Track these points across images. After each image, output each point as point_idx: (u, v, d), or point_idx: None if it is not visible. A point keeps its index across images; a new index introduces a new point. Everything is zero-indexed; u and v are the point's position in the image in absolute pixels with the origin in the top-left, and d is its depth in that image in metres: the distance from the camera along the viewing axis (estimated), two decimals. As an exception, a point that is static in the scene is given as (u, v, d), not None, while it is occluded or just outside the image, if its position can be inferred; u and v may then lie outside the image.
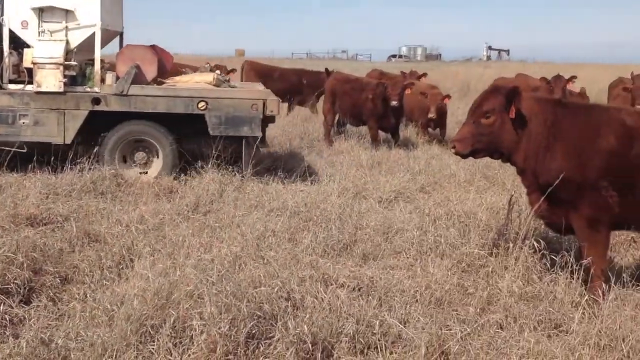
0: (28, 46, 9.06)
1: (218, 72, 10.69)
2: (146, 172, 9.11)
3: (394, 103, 12.07)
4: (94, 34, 9.11)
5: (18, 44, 9.18)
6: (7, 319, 4.58)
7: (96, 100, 8.94)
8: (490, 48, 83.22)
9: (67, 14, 9.06)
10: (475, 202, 7.84)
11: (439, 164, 10.69)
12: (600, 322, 4.54)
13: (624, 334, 4.40)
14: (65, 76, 8.87)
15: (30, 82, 8.91)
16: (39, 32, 8.99)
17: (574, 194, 5.26)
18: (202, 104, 8.97)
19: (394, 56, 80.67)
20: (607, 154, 5.19)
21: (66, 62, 8.87)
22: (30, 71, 8.95)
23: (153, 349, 4.10)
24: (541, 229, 6.41)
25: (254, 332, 4.24)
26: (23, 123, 8.86)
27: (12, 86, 9.04)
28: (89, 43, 9.15)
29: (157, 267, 4.98)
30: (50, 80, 8.78)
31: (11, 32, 9.04)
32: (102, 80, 9.10)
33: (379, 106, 12.45)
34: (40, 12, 9.00)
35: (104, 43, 9.73)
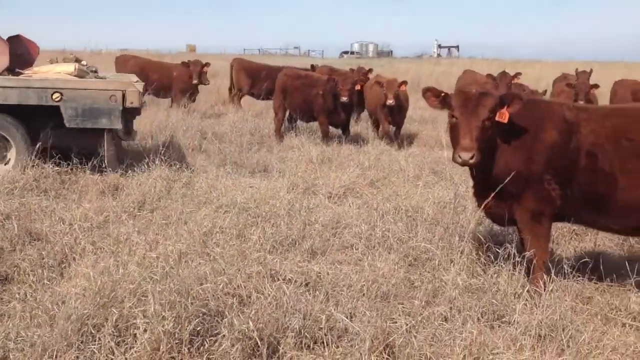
0: None
1: (84, 62, 10.42)
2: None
3: (344, 99, 12.09)
4: None
5: None
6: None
7: None
8: (440, 46, 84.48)
9: None
10: (423, 197, 7.93)
11: (388, 159, 10.78)
12: (541, 312, 4.65)
13: (564, 324, 4.51)
14: None
15: None
16: None
17: (520, 188, 5.35)
18: (56, 95, 8.62)
19: (345, 52, 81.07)
20: (551, 147, 5.30)
21: None
22: None
23: (95, 348, 4.03)
24: (486, 222, 6.52)
25: (199, 329, 4.20)
26: None
27: None
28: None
29: (100, 266, 4.89)
30: None
31: None
32: None
33: (329, 102, 12.48)
34: None
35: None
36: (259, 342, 4.10)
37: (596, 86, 13.02)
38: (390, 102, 12.27)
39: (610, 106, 7.62)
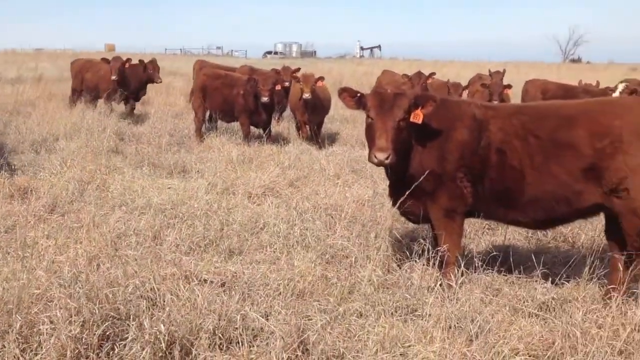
0: None
1: None
2: None
3: (264, 99, 12.05)
4: None
5: None
6: None
7: None
8: (362, 48, 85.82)
9: None
10: (342, 195, 8.00)
11: (309, 159, 10.81)
12: (452, 305, 4.77)
13: (473, 315, 4.64)
14: None
15: None
16: None
17: (434, 186, 5.46)
18: None
19: (269, 53, 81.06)
20: (462, 146, 5.42)
21: None
22: None
23: (-2, 356, 3.88)
24: (402, 219, 6.63)
25: (108, 333, 4.11)
26: None
27: None
28: None
29: (5, 271, 4.70)
30: None
31: None
32: None
33: (250, 102, 12.41)
34: None
35: None
36: (170, 345, 4.04)
37: (509, 86, 13.48)
38: (306, 95, 12.21)
39: (518, 104, 7.88)
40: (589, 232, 6.88)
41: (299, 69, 15.20)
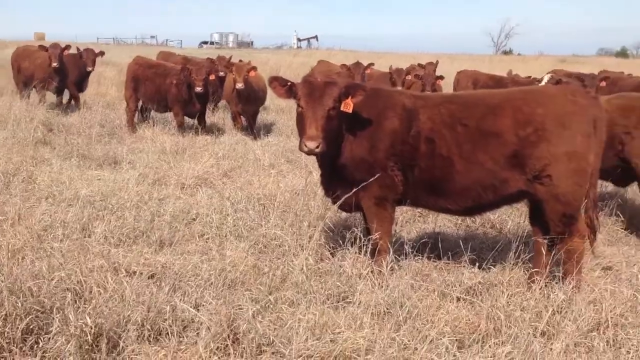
0: None
1: None
2: None
3: (198, 89, 11.91)
4: None
5: None
6: None
7: None
8: (299, 39, 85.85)
9: None
10: (276, 185, 8.00)
11: (243, 149, 10.78)
12: (382, 291, 4.84)
13: (402, 301, 4.72)
14: None
15: None
16: None
17: (365, 175, 5.50)
18: None
19: (205, 43, 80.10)
20: (392, 135, 5.48)
21: None
22: None
23: None
24: (335, 208, 6.67)
25: (32, 327, 4.00)
26: None
27: None
28: None
29: None
30: None
31: None
32: None
33: (183, 92, 12.25)
34: None
35: None
36: (97, 337, 3.96)
37: (441, 77, 13.71)
38: (239, 85, 12.14)
39: (446, 94, 8.03)
40: (515, 218, 7.09)
41: (230, 57, 15.05)
